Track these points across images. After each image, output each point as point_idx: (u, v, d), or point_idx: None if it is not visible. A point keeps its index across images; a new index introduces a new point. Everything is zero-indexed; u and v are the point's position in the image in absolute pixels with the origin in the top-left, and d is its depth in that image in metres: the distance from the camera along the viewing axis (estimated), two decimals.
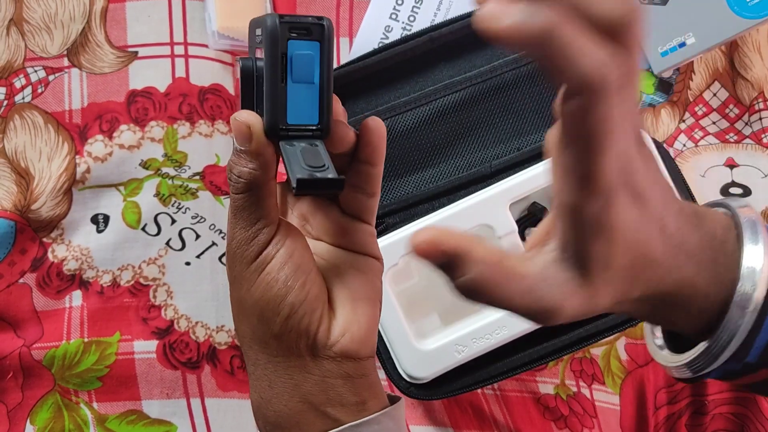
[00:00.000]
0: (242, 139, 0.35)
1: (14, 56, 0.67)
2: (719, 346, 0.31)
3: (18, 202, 0.65)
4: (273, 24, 0.35)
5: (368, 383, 0.38)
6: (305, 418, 0.36)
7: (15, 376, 0.65)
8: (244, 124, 0.35)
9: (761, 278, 0.31)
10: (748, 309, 0.31)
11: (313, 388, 0.36)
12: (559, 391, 0.68)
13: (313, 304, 0.36)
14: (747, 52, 0.69)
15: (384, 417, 0.37)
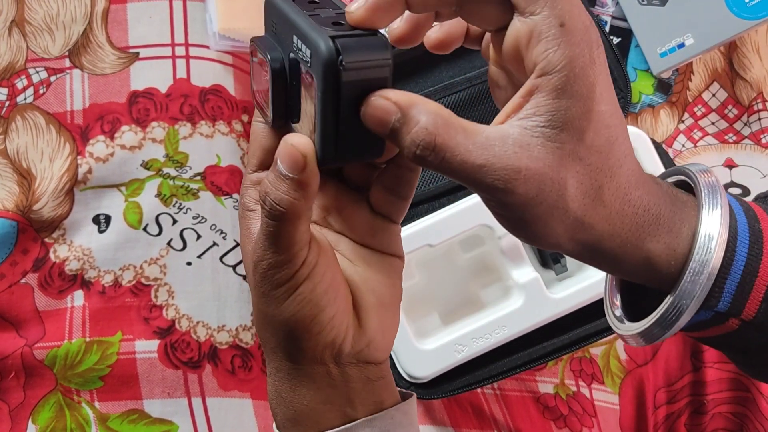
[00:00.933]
0: (292, 167, 0.31)
1: (16, 57, 0.68)
2: (688, 295, 0.30)
3: (20, 203, 0.65)
4: (329, 52, 0.29)
5: (385, 384, 0.38)
6: (324, 417, 0.36)
7: (17, 375, 0.65)
8: (300, 152, 0.31)
9: (722, 230, 0.30)
10: (711, 251, 0.30)
11: (335, 392, 0.36)
12: (558, 391, 0.68)
13: (341, 318, 0.35)
14: (746, 53, 0.69)
15: (396, 412, 0.37)
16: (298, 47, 0.31)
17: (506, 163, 0.28)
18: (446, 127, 0.29)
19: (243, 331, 0.67)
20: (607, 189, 0.30)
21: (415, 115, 0.29)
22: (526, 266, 0.61)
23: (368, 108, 0.30)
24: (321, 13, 0.32)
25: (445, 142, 0.28)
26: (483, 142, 0.28)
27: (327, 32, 0.30)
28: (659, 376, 0.68)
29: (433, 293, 0.64)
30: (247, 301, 0.68)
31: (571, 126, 0.28)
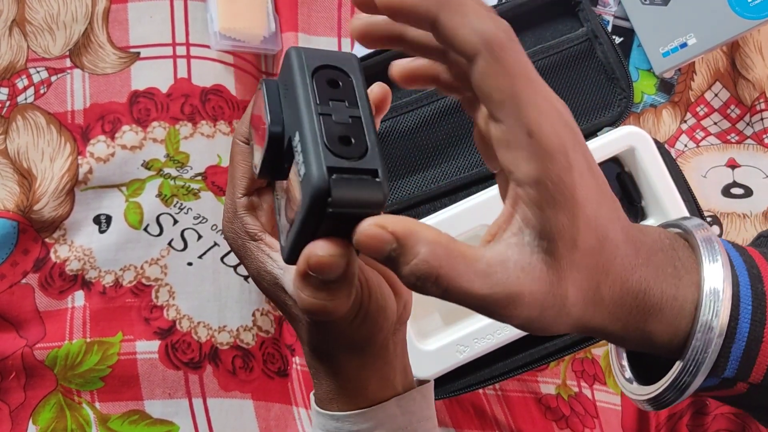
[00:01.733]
0: (330, 274, 0.30)
1: (17, 57, 0.68)
2: (695, 363, 0.30)
3: (20, 203, 0.65)
4: (319, 186, 0.28)
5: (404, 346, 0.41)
6: (380, 394, 0.39)
7: (17, 376, 0.65)
8: (337, 255, 0.29)
9: (725, 289, 0.30)
10: (715, 329, 0.30)
11: (383, 362, 0.38)
12: (560, 392, 0.68)
13: (390, 306, 0.37)
14: (748, 53, 0.69)
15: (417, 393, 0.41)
16: (296, 147, 0.30)
17: (510, 291, 0.27)
18: (447, 258, 0.27)
19: (244, 331, 0.67)
20: (604, 285, 0.29)
21: (414, 245, 0.27)
22: None
23: (361, 236, 0.28)
24: (334, 114, 0.30)
25: (446, 273, 0.27)
26: (485, 269, 0.27)
27: (326, 159, 0.28)
28: None
29: None
30: (247, 302, 0.67)
31: (563, 236, 0.27)
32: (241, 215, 0.37)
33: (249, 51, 0.70)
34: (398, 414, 0.39)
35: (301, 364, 0.69)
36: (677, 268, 0.31)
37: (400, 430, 0.39)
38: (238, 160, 0.37)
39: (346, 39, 0.71)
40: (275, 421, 0.68)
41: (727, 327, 0.30)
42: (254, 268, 0.38)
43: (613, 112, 0.66)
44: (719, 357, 0.30)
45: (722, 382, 0.31)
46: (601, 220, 0.28)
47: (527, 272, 0.27)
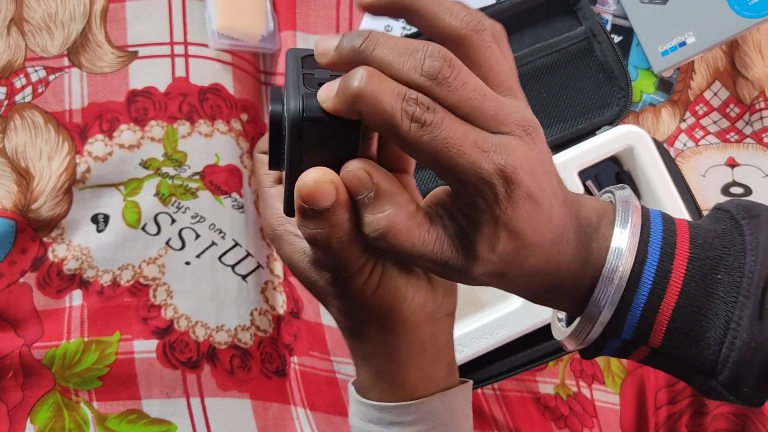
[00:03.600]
0: (316, 201, 0.32)
1: (15, 56, 0.68)
2: (590, 320, 0.33)
3: (18, 202, 0.65)
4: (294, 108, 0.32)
5: (452, 345, 0.43)
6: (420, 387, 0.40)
7: (15, 375, 0.65)
8: (322, 180, 0.32)
9: (626, 256, 0.32)
10: (613, 284, 0.32)
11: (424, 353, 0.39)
12: (559, 391, 0.68)
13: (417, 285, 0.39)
14: (748, 51, 0.69)
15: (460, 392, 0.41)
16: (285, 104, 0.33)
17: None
18: (403, 224, 0.32)
19: (242, 331, 0.67)
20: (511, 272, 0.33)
21: (385, 203, 0.32)
22: None
23: (348, 173, 0.32)
24: (317, 73, 0.33)
25: (396, 235, 0.32)
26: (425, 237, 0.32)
27: (303, 91, 0.32)
28: (660, 377, 0.67)
29: None
30: (245, 301, 0.67)
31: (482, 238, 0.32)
32: (270, 203, 0.39)
33: (247, 50, 0.70)
34: (441, 410, 0.39)
35: (300, 364, 0.68)
36: (591, 248, 0.34)
37: (441, 426, 0.39)
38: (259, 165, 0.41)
39: None
40: (273, 421, 0.67)
41: (624, 289, 0.32)
42: (286, 254, 0.39)
43: (612, 111, 0.65)
44: (616, 318, 0.33)
45: (626, 344, 0.34)
46: (526, 233, 0.32)
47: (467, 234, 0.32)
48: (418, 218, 0.33)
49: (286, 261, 0.40)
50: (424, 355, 0.39)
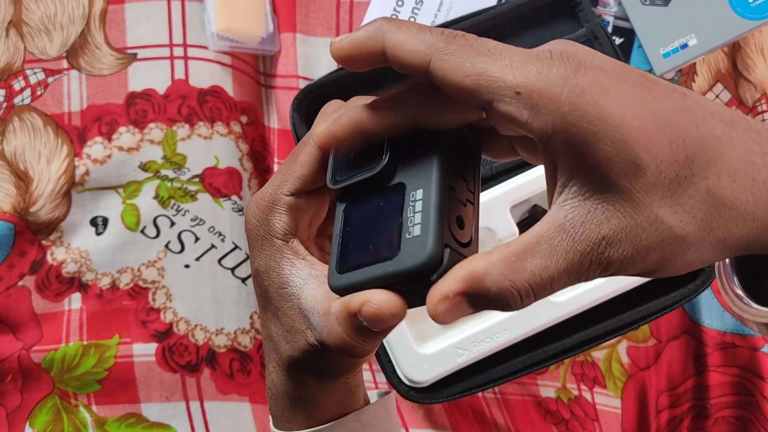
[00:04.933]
0: (379, 325, 0.30)
1: (13, 58, 0.67)
2: None
3: (17, 205, 0.65)
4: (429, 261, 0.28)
5: (361, 377, 0.41)
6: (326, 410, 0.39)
7: (14, 378, 0.65)
8: (391, 314, 0.30)
9: None
10: None
11: (345, 395, 0.38)
12: (560, 395, 0.67)
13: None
14: (750, 54, 0.68)
15: (378, 406, 0.40)
16: (413, 202, 0.29)
17: (584, 247, 0.25)
18: (513, 275, 0.26)
19: (241, 334, 0.67)
20: (719, 189, 0.25)
21: (486, 289, 0.27)
22: None
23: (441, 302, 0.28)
24: (458, 190, 0.30)
25: (520, 281, 0.26)
26: (547, 248, 0.26)
27: (445, 235, 0.28)
28: (662, 380, 0.67)
29: None
30: (245, 304, 0.67)
31: (613, 162, 0.24)
32: (280, 211, 0.35)
33: (247, 52, 0.70)
34: (358, 428, 0.38)
35: None
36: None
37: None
38: (305, 161, 0.34)
39: None
40: None
41: None
42: (265, 265, 0.35)
43: None
44: None
45: None
46: (669, 123, 0.24)
47: (588, 221, 0.25)
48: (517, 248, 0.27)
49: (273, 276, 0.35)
50: (345, 394, 0.39)
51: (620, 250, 0.25)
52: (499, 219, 0.60)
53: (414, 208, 0.29)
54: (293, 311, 0.34)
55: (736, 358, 0.67)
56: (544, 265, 0.25)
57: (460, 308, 0.27)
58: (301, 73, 0.70)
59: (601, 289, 0.60)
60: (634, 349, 0.67)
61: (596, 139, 0.24)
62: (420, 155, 0.30)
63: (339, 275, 0.31)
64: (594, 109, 0.24)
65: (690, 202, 0.24)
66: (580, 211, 0.25)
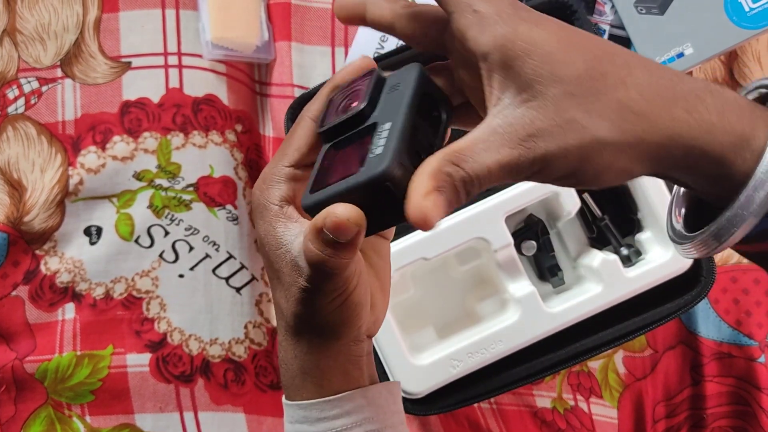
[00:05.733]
0: (344, 236, 0.33)
1: (7, 67, 0.67)
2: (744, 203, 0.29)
3: (10, 214, 0.65)
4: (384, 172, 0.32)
5: (372, 359, 0.42)
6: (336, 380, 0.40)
7: (8, 389, 0.64)
8: (354, 224, 0.32)
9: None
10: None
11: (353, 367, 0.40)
12: (556, 405, 0.67)
13: (368, 309, 0.39)
14: (746, 62, 0.68)
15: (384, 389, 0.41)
16: (380, 133, 0.33)
17: (516, 144, 0.30)
18: (461, 160, 0.31)
19: (236, 344, 0.66)
20: (628, 100, 0.29)
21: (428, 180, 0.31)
22: (522, 279, 0.60)
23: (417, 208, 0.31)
24: (420, 132, 0.34)
25: (470, 169, 0.30)
26: (484, 146, 0.30)
27: (401, 156, 0.32)
28: (658, 390, 0.67)
29: (429, 307, 0.63)
30: (239, 314, 0.67)
31: (539, 77, 0.29)
32: (279, 180, 0.38)
33: (242, 60, 0.70)
34: (365, 404, 0.39)
35: None
36: (737, 99, 0.30)
37: (367, 420, 0.39)
38: (301, 135, 0.38)
39: (340, 48, 0.70)
40: None
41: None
42: (264, 230, 0.38)
43: None
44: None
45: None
46: (587, 48, 0.30)
47: (519, 123, 0.30)
48: (463, 145, 0.32)
49: (270, 240, 0.38)
50: (348, 363, 0.40)
51: (543, 144, 0.30)
52: (494, 228, 0.60)
53: (380, 135, 0.33)
54: (288, 267, 0.37)
55: (732, 368, 0.66)
56: (485, 158, 0.30)
57: (440, 201, 0.30)
58: (297, 81, 0.69)
59: (596, 300, 0.60)
60: (630, 359, 0.67)
61: (527, 54, 0.29)
62: (393, 101, 0.34)
63: (310, 195, 0.35)
64: (527, 33, 0.30)
65: (603, 108, 0.29)
66: (511, 116, 0.30)
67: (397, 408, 0.42)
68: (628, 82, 0.30)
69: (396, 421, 0.41)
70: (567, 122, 0.29)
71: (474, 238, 0.60)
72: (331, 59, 0.70)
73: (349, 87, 0.37)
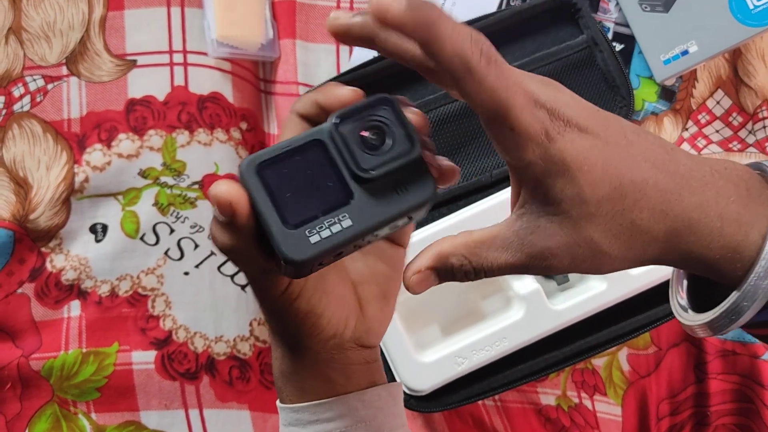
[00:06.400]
0: (221, 212, 0.32)
1: (13, 65, 0.67)
2: (749, 294, 0.31)
3: (16, 212, 0.65)
4: None
5: (378, 366, 0.41)
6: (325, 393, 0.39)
7: (13, 386, 0.65)
8: (227, 200, 0.31)
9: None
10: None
11: (336, 373, 0.39)
12: (560, 403, 0.67)
13: (340, 314, 0.37)
14: (751, 60, 0.68)
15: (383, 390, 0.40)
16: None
17: (531, 251, 0.32)
18: (471, 254, 0.33)
19: (241, 342, 0.66)
20: (640, 220, 0.31)
21: (447, 261, 0.33)
22: (527, 277, 0.60)
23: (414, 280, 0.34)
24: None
25: (476, 263, 0.33)
26: (501, 244, 0.33)
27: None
28: (662, 388, 0.67)
29: (433, 304, 0.63)
30: (245, 311, 0.67)
31: (565, 197, 0.31)
32: None
33: (246, 58, 0.70)
34: (360, 407, 0.39)
35: None
36: (742, 197, 0.32)
37: (362, 423, 0.39)
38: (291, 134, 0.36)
39: (345, 47, 0.70)
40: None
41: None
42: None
43: None
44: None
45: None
46: (613, 168, 0.31)
47: (538, 233, 0.32)
48: (477, 236, 0.33)
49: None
50: (332, 371, 0.39)
51: (558, 260, 0.32)
52: None
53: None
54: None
55: (736, 366, 0.66)
56: (496, 256, 0.33)
57: (429, 280, 0.34)
58: (301, 79, 0.69)
59: (601, 297, 0.60)
60: (634, 357, 0.67)
61: (556, 176, 0.31)
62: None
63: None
64: (559, 155, 0.30)
65: (618, 229, 0.31)
66: (533, 224, 0.32)
67: (397, 410, 0.41)
68: (641, 203, 0.31)
69: (395, 424, 0.41)
70: (584, 240, 0.31)
71: None
72: (336, 57, 0.70)
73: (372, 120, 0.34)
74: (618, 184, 0.31)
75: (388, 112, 0.33)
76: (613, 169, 0.31)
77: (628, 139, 0.32)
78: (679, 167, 0.32)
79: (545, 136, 0.30)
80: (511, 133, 0.30)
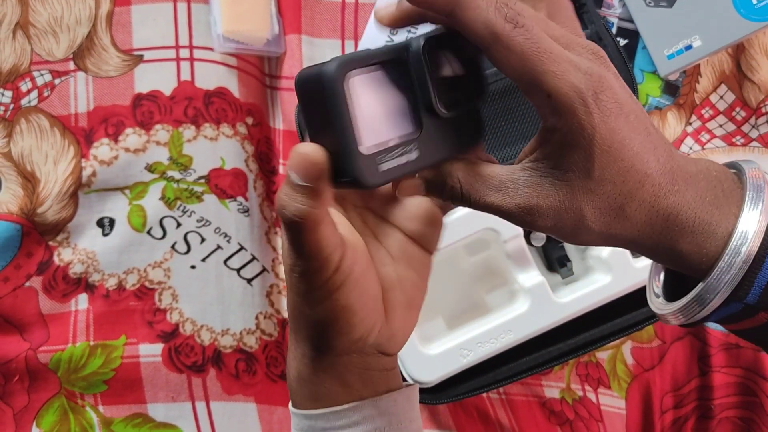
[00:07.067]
0: (306, 177, 0.31)
1: (20, 60, 0.68)
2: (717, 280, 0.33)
3: (24, 206, 0.65)
4: None
5: (395, 373, 0.41)
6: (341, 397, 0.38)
7: (21, 379, 0.65)
8: (312, 161, 0.31)
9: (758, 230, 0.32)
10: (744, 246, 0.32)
11: (354, 378, 0.38)
12: (564, 395, 0.67)
13: (371, 317, 0.37)
14: (754, 55, 0.68)
15: (399, 395, 0.39)
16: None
17: (520, 202, 0.33)
18: (469, 179, 0.34)
19: (247, 335, 0.67)
20: (629, 207, 0.33)
21: (450, 173, 0.34)
22: (531, 270, 0.61)
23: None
24: None
25: (469, 191, 0.34)
26: (497, 185, 0.33)
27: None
28: (666, 381, 0.67)
29: (439, 297, 0.64)
30: (251, 305, 0.67)
31: (575, 168, 0.32)
32: None
33: (252, 53, 0.70)
34: (375, 414, 0.38)
35: None
36: (718, 197, 0.33)
37: (377, 431, 0.38)
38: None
39: (350, 41, 0.71)
40: (279, 425, 0.67)
41: (755, 256, 0.32)
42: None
43: None
44: (744, 281, 0.32)
45: (744, 309, 0.33)
46: (627, 155, 0.32)
47: (534, 189, 0.33)
48: (481, 168, 0.34)
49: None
50: (351, 376, 0.38)
51: (542, 219, 0.33)
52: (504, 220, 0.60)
53: None
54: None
55: (740, 359, 0.67)
56: (488, 193, 0.33)
57: (419, 188, 0.34)
58: None
59: (605, 290, 0.60)
60: (638, 350, 0.68)
61: (578, 148, 0.31)
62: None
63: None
64: (589, 131, 0.31)
65: (607, 209, 0.33)
66: (533, 180, 0.33)
67: (413, 415, 0.41)
68: (634, 194, 0.33)
69: (411, 430, 0.40)
70: (573, 209, 0.32)
71: (483, 228, 0.60)
72: (341, 52, 0.71)
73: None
74: (625, 171, 0.32)
75: (471, 51, 0.33)
76: (627, 156, 0.32)
77: (647, 130, 0.33)
78: (674, 165, 0.33)
79: (582, 108, 0.31)
80: (548, 99, 0.31)
